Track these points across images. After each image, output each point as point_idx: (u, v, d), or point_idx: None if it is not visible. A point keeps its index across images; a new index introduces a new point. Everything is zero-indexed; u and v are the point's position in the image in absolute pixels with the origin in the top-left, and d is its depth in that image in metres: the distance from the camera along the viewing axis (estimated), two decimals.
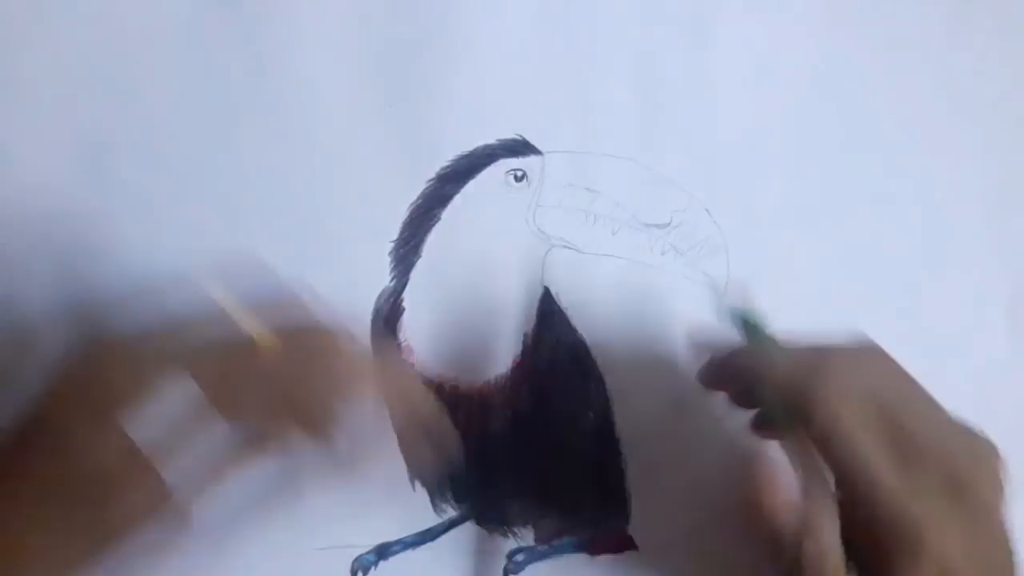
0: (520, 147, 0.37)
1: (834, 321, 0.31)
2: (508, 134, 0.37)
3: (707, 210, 0.38)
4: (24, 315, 0.37)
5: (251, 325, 0.27)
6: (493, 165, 0.37)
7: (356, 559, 0.36)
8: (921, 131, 0.39)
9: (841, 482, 0.26)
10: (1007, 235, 0.39)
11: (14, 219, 0.37)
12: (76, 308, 0.37)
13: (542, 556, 0.37)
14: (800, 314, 0.32)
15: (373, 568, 0.36)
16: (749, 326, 0.32)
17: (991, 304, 0.39)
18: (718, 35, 0.39)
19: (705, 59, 0.39)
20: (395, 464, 0.37)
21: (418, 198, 0.37)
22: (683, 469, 0.37)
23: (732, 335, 0.32)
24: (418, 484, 0.37)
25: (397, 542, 0.37)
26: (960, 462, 0.27)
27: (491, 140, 0.37)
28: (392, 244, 0.37)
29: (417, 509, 0.37)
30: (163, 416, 0.25)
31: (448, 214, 0.37)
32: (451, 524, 0.37)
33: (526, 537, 0.37)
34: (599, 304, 0.37)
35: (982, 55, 0.40)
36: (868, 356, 0.28)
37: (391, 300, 0.37)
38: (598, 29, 0.38)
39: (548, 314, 0.37)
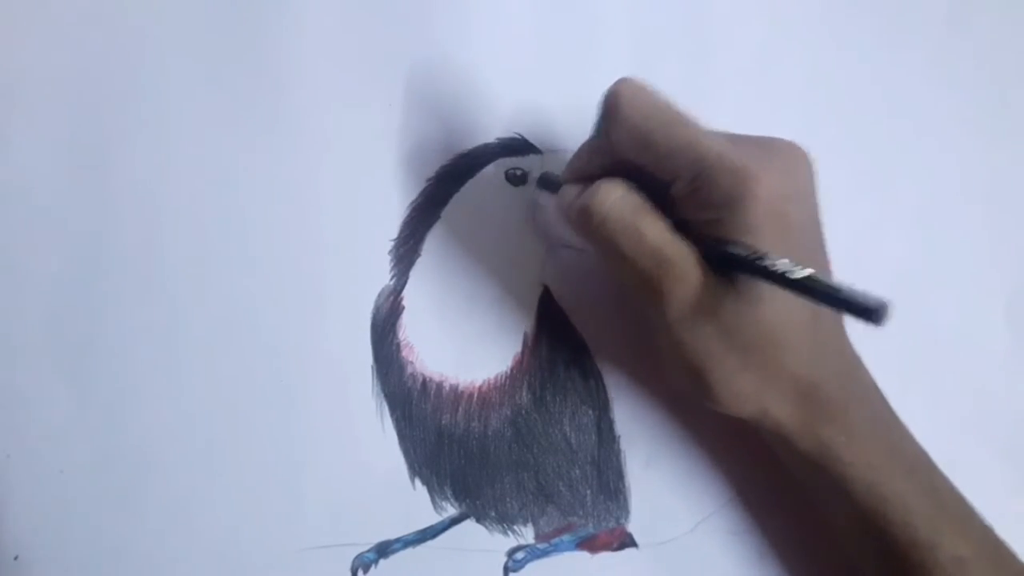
0: (520, 146, 0.37)
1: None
2: (508, 134, 0.37)
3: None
4: (24, 315, 0.37)
5: None
6: (493, 164, 0.37)
7: (356, 557, 0.36)
8: (920, 129, 0.39)
9: (674, 159, 0.29)
10: (1006, 234, 0.39)
11: (14, 219, 0.37)
12: (76, 308, 0.37)
13: (542, 554, 0.37)
14: None
15: (373, 566, 0.36)
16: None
17: (990, 304, 0.39)
18: (718, 35, 0.39)
19: (705, 59, 0.39)
20: (395, 462, 0.37)
21: (418, 197, 0.37)
22: (683, 467, 0.37)
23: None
24: (418, 482, 0.37)
25: (397, 540, 0.37)
26: (775, 142, 0.31)
27: (491, 139, 0.37)
28: (392, 243, 0.37)
29: (417, 507, 0.37)
30: None
31: (448, 213, 0.37)
32: (451, 522, 0.37)
33: (526, 535, 0.37)
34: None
35: (983, 52, 0.40)
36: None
37: (391, 299, 0.37)
38: (598, 28, 0.38)
39: (548, 313, 0.38)
